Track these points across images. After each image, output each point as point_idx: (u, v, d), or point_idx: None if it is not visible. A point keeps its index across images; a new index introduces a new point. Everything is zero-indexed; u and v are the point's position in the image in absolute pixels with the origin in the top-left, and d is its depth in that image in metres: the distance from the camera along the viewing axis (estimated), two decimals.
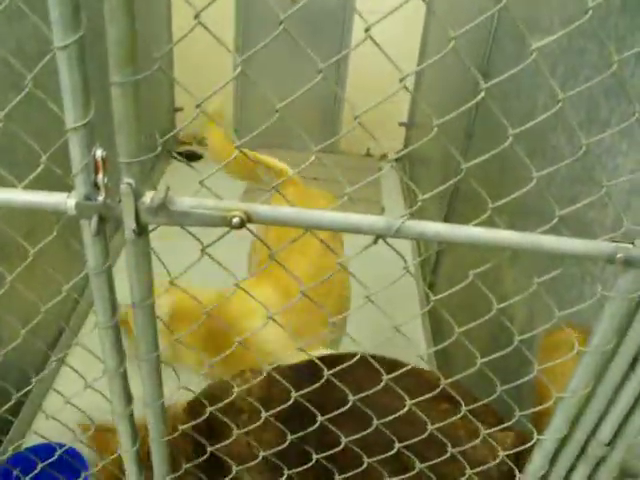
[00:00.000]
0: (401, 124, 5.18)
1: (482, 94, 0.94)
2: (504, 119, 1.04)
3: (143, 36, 0.88)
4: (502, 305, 1.14)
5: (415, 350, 1.34)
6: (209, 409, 1.35)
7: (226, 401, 1.34)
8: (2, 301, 1.38)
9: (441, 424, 1.33)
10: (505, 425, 1.40)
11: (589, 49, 1.70)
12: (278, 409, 1.30)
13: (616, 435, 1.32)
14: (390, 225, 0.96)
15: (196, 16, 0.87)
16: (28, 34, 2.40)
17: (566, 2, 1.91)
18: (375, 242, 0.99)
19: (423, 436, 1.32)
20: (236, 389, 1.35)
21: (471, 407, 1.33)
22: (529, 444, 1.32)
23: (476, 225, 1.01)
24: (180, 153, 5.24)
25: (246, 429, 1.37)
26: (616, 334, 1.18)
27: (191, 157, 5.26)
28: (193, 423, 1.39)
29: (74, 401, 1.59)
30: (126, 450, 1.39)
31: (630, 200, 1.41)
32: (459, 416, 1.31)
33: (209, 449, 1.39)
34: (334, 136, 5.37)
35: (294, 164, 4.55)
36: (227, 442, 1.36)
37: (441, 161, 3.76)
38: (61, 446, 1.84)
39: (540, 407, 1.34)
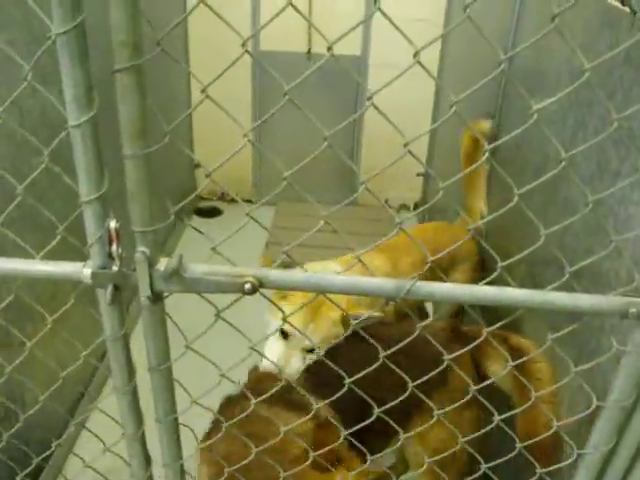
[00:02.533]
0: (419, 174, 5.21)
1: (486, 155, 0.95)
2: (510, 179, 1.05)
3: (161, 99, 0.91)
4: (516, 362, 1.14)
5: None
6: None
7: None
8: (25, 365, 1.40)
9: None
10: None
11: (597, 101, 1.72)
12: None
13: None
14: (400, 288, 0.96)
15: (203, 90, 0.91)
16: (52, 102, 2.46)
17: (571, 56, 1.94)
18: (387, 304, 0.99)
19: None
20: None
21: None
22: None
23: (486, 284, 1.01)
24: (201, 209, 5.30)
25: None
26: (636, 388, 1.17)
27: (212, 213, 5.32)
28: None
29: (94, 465, 1.60)
30: None
31: None
32: None
33: None
34: (352, 187, 5.41)
35: (313, 216, 4.58)
36: None
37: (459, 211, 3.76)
38: None
39: None
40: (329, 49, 0.86)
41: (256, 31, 4.51)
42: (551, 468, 1.35)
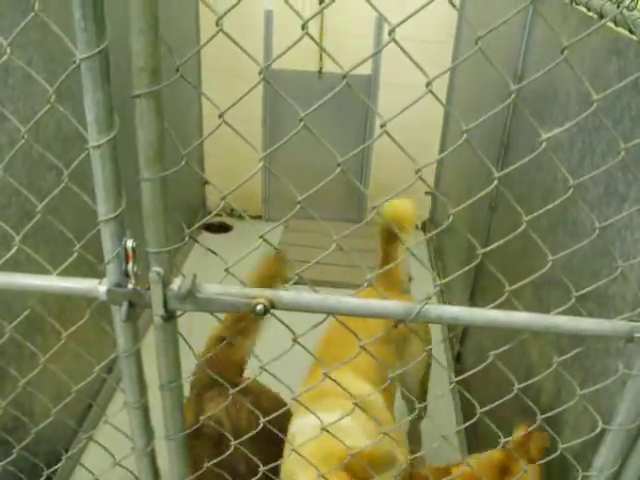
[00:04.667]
0: (427, 193, 5.22)
1: (495, 182, 0.97)
2: (518, 202, 1.07)
3: (173, 115, 0.94)
4: (523, 385, 1.15)
5: (439, 430, 1.34)
6: None
7: None
8: (34, 377, 1.43)
9: None
10: None
11: (604, 126, 1.73)
12: None
13: None
14: (409, 311, 0.98)
15: (220, 115, 0.93)
16: (67, 117, 2.50)
17: (580, 80, 1.96)
18: (395, 326, 1.01)
19: None
20: None
21: None
22: None
23: (494, 307, 1.03)
24: (210, 225, 5.33)
25: None
26: None
27: (221, 228, 5.34)
28: None
29: (101, 477, 1.61)
30: None
31: None
32: None
33: None
34: (360, 204, 5.43)
35: (321, 233, 4.57)
36: None
37: (467, 231, 3.78)
38: None
39: None
40: (344, 77, 0.89)
41: (271, 61, 4.57)
42: None
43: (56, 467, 1.76)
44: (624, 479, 1.27)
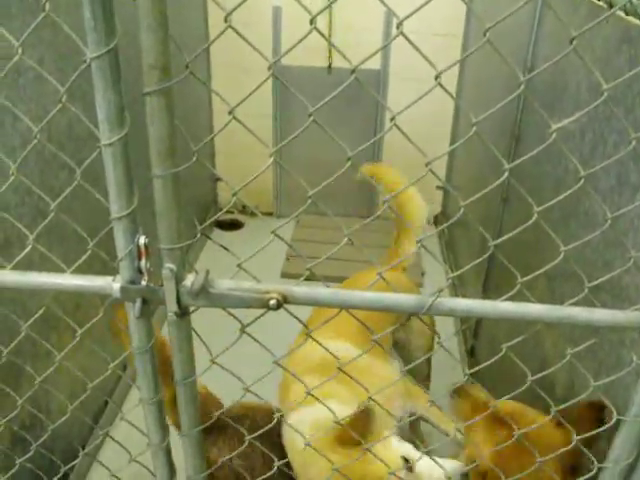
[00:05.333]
0: (439, 187, 5.22)
1: (506, 174, 0.97)
2: (530, 194, 1.07)
3: (183, 110, 0.94)
4: (537, 377, 1.15)
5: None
6: None
7: None
8: (50, 374, 1.44)
9: None
10: None
11: (615, 116, 1.72)
12: None
13: None
14: (422, 304, 0.98)
15: (230, 112, 0.93)
16: (79, 117, 2.51)
17: (590, 70, 1.95)
18: (408, 319, 1.01)
19: None
20: None
21: None
22: None
23: (506, 299, 1.03)
24: (222, 222, 5.33)
25: None
26: None
27: (233, 225, 5.35)
28: None
29: (118, 474, 1.63)
30: None
31: None
32: None
33: None
34: (372, 200, 5.42)
35: (333, 229, 4.57)
36: None
37: (479, 224, 3.77)
38: None
39: None
40: (353, 72, 0.89)
41: (279, 56, 4.59)
42: None
43: (73, 463, 1.77)
44: None
